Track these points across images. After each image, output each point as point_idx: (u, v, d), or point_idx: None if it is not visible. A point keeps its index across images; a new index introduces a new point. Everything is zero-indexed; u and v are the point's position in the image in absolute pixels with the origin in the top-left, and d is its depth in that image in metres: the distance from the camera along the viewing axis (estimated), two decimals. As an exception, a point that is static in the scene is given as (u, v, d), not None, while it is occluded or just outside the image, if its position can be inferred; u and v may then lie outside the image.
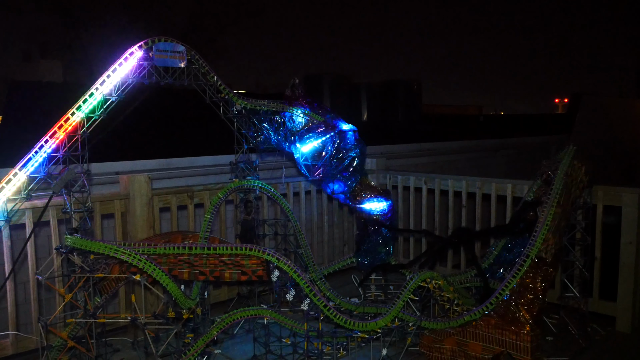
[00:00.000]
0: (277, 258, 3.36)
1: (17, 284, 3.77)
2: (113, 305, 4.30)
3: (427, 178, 5.44)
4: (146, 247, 3.38)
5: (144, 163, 5.71)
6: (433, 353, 3.66)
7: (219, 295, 4.70)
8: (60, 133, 3.30)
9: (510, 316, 3.38)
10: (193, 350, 3.24)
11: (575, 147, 3.99)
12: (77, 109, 3.34)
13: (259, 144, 4.41)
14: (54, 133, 3.30)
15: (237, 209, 4.60)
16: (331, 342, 3.72)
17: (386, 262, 4.63)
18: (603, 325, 4.13)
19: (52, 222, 3.75)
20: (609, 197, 4.21)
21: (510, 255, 4.29)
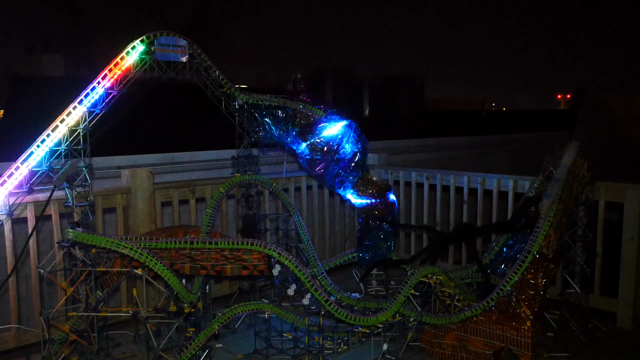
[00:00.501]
0: (279, 253, 3.36)
1: (19, 278, 3.79)
2: (115, 299, 4.32)
3: (428, 174, 5.43)
4: (148, 241, 3.39)
5: (145, 157, 5.71)
6: (434, 348, 3.67)
7: (221, 289, 4.70)
8: (62, 127, 3.30)
9: (511, 312, 3.38)
10: (194, 344, 3.25)
11: (578, 143, 3.98)
12: (78, 103, 3.34)
13: (261, 138, 4.40)
14: (56, 127, 3.30)
15: (239, 203, 4.60)
16: (332, 337, 3.73)
17: (387, 257, 4.63)
18: (604, 321, 4.13)
19: (54, 216, 3.76)
20: (611, 193, 4.20)
21: (511, 251, 4.29)
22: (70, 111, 3.32)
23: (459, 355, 3.54)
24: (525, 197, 4.26)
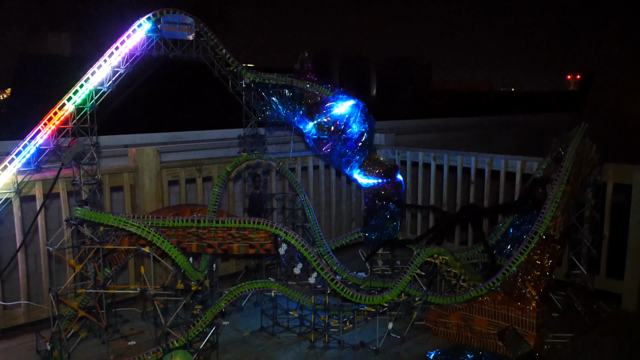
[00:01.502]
0: (285, 232, 3.37)
1: (28, 255, 3.83)
2: (123, 276, 4.36)
3: (436, 154, 5.41)
4: (155, 220, 3.40)
5: (152, 136, 5.71)
6: (439, 327, 3.69)
7: (227, 268, 4.74)
8: (69, 105, 3.30)
9: (516, 292, 3.38)
10: (201, 321, 3.28)
11: (587, 124, 3.95)
12: (85, 82, 3.33)
13: (267, 117, 4.39)
14: (63, 105, 3.30)
15: (245, 183, 4.61)
16: (338, 316, 3.75)
17: (393, 237, 4.64)
18: (609, 303, 4.14)
19: (62, 194, 3.78)
20: (619, 175, 4.18)
21: (517, 232, 4.28)
22: (77, 89, 3.32)
23: (463, 334, 3.56)
24: (533, 178, 4.24)
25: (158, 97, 8.47)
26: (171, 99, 8.82)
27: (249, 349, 3.50)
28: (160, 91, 8.43)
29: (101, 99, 3.43)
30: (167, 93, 8.96)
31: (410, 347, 3.53)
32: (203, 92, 7.86)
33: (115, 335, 3.64)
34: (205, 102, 7.85)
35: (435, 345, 3.52)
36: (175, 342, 3.06)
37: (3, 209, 3.40)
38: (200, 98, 8.38)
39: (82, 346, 3.46)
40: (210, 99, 7.57)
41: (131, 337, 3.61)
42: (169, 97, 8.78)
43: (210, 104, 7.61)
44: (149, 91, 7.53)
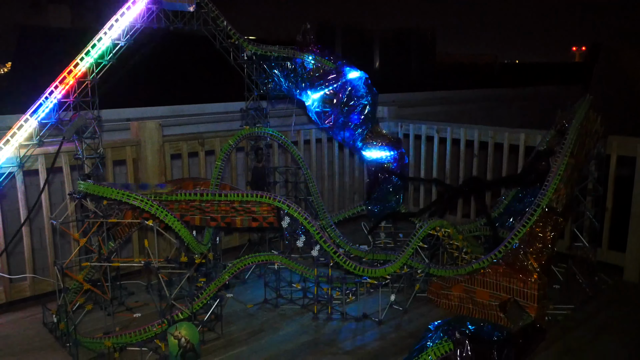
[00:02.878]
0: (288, 205, 3.38)
1: (32, 229, 3.85)
2: (127, 250, 4.39)
3: (439, 127, 5.39)
4: (158, 193, 3.41)
5: (154, 110, 5.68)
6: (441, 299, 3.72)
7: (230, 241, 4.77)
8: (70, 79, 3.28)
9: (518, 264, 3.40)
10: (205, 294, 3.31)
11: (592, 97, 3.91)
12: (85, 54, 3.30)
13: (270, 90, 4.36)
14: (64, 79, 3.28)
15: (248, 156, 4.61)
16: (340, 288, 3.78)
17: (396, 210, 4.65)
18: (611, 275, 4.16)
19: (65, 168, 3.79)
20: (623, 148, 4.15)
21: (520, 205, 4.28)
22: (78, 62, 3.30)
23: (465, 306, 3.59)
24: (537, 151, 4.22)
25: (159, 71, 8.41)
26: (173, 72, 8.76)
27: (253, 320, 3.54)
28: (161, 64, 8.37)
29: (102, 72, 3.41)
30: (168, 66, 8.89)
31: (412, 319, 3.56)
32: (205, 65, 7.80)
33: (121, 307, 3.68)
34: (207, 75, 7.80)
35: (437, 317, 3.55)
36: (180, 314, 3.10)
37: (6, 183, 3.41)
38: (202, 71, 8.32)
39: (88, 318, 3.50)
40: (212, 72, 7.52)
41: (136, 310, 3.65)
42: (171, 71, 8.72)
43: (212, 77, 7.56)
44: (150, 64, 7.48)
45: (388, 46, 15.42)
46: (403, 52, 15.22)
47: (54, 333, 3.31)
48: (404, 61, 14.77)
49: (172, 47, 7.88)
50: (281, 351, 3.15)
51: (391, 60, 14.72)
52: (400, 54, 15.11)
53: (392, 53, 15.05)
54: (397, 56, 15.05)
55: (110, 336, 3.07)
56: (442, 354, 2.50)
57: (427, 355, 2.47)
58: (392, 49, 15.18)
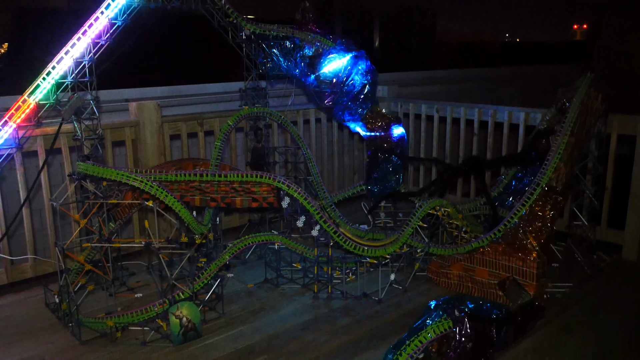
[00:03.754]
0: (288, 185, 3.38)
1: (32, 210, 3.85)
2: (127, 230, 4.40)
3: (438, 106, 5.36)
4: (158, 174, 3.41)
5: (153, 90, 5.65)
6: (440, 278, 3.74)
7: (231, 221, 4.78)
8: (67, 59, 3.25)
9: (517, 243, 3.41)
10: (206, 274, 3.33)
11: (593, 75, 3.89)
12: (82, 34, 3.27)
13: (269, 70, 4.33)
14: (61, 59, 3.25)
15: (247, 136, 4.59)
16: (340, 267, 3.80)
17: (396, 190, 4.65)
18: (610, 253, 4.18)
19: (64, 149, 3.78)
20: (624, 126, 4.14)
21: (520, 184, 4.28)
22: (75, 42, 3.27)
23: (464, 284, 3.61)
24: (537, 129, 4.21)
25: (157, 51, 8.34)
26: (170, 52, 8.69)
27: (254, 300, 3.56)
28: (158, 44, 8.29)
29: (99, 52, 3.38)
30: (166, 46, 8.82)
31: (412, 297, 3.58)
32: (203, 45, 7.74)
33: (122, 288, 3.70)
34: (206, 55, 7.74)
35: (437, 295, 3.57)
36: (181, 294, 3.12)
37: (5, 165, 3.40)
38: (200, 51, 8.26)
39: (89, 299, 3.53)
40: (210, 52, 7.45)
41: (137, 290, 3.68)
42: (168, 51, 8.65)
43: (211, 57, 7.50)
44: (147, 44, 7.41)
45: (388, 24, 15.27)
46: (403, 30, 15.07)
47: (56, 313, 3.34)
48: (404, 40, 14.65)
49: (169, 26, 7.81)
50: (282, 329, 3.17)
51: (391, 38, 14.59)
52: (400, 32, 14.97)
53: (392, 31, 14.91)
54: (397, 35, 14.91)
55: (112, 316, 3.09)
56: (441, 332, 2.52)
57: (427, 333, 2.50)
58: (392, 27, 15.04)
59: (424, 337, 2.49)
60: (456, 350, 2.61)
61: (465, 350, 2.62)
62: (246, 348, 2.98)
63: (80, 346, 3.00)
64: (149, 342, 3.02)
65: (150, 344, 3.01)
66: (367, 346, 2.98)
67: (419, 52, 13.21)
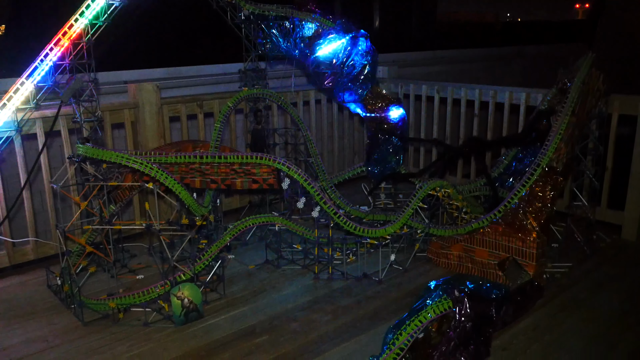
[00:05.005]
0: (288, 167, 3.37)
1: (33, 193, 3.86)
2: (128, 213, 4.41)
3: (439, 87, 5.34)
4: (157, 156, 3.40)
5: (151, 72, 5.61)
6: (440, 259, 3.76)
7: (231, 203, 4.79)
8: (65, 40, 3.23)
9: (517, 224, 3.42)
10: (207, 255, 3.35)
11: (594, 54, 3.86)
12: (80, 15, 3.24)
13: (268, 51, 4.30)
14: (58, 41, 3.23)
15: (247, 118, 4.58)
16: (341, 248, 3.82)
17: (396, 171, 4.65)
18: (609, 233, 4.19)
19: (63, 132, 3.77)
20: (625, 106, 4.13)
21: (520, 164, 4.28)
22: (72, 23, 3.24)
23: (464, 265, 3.63)
24: (537, 110, 4.19)
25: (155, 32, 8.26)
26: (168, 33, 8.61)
27: (255, 281, 3.58)
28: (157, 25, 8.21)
29: (97, 33, 3.35)
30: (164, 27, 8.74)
31: (412, 278, 3.60)
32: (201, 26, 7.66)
33: (123, 269, 3.72)
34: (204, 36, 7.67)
35: (437, 276, 3.59)
36: (182, 276, 3.13)
37: (5, 148, 3.39)
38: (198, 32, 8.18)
39: (91, 280, 3.55)
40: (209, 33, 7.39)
41: (139, 271, 3.70)
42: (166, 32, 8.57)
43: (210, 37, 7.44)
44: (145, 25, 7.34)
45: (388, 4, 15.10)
46: (403, 10, 14.91)
47: (59, 295, 3.36)
48: (404, 20, 14.49)
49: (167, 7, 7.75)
50: (283, 310, 3.19)
51: (391, 18, 14.43)
52: (401, 12, 14.81)
53: (392, 11, 14.75)
54: (397, 14, 14.75)
55: (115, 297, 3.11)
56: (441, 311, 2.54)
57: (427, 313, 2.51)
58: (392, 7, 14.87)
59: (424, 317, 2.50)
60: (456, 330, 2.63)
61: (464, 330, 2.64)
62: (247, 328, 3.00)
63: (82, 327, 3.03)
64: (151, 323, 3.05)
65: (153, 324, 3.04)
66: (367, 326, 3.00)
67: (419, 33, 13.07)
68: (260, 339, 2.89)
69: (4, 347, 2.85)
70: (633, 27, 15.88)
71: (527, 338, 2.88)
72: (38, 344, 2.87)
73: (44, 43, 3.24)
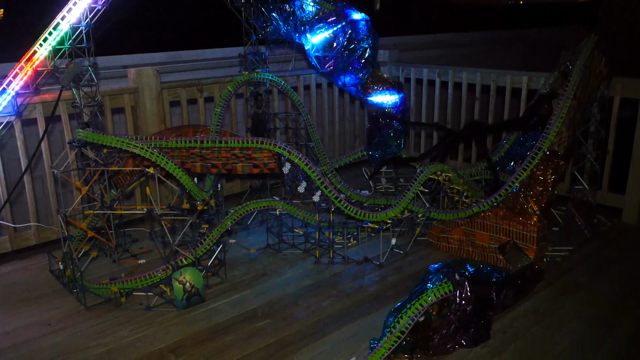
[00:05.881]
0: (289, 151, 3.37)
1: (34, 178, 3.86)
2: (129, 198, 4.42)
3: (440, 70, 5.31)
4: (158, 141, 3.40)
5: (151, 56, 5.58)
6: (441, 242, 3.77)
7: (232, 188, 4.79)
8: (64, 24, 3.20)
9: (518, 207, 3.42)
10: (208, 239, 3.35)
11: (596, 36, 3.83)
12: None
13: (268, 35, 4.27)
14: (57, 25, 3.20)
15: (247, 102, 4.56)
16: (342, 233, 3.83)
17: (397, 155, 4.64)
18: (610, 217, 4.19)
19: (63, 116, 3.76)
20: (627, 89, 4.11)
21: (521, 148, 4.27)
22: (71, 7, 3.21)
23: (465, 249, 3.64)
24: (539, 93, 4.17)
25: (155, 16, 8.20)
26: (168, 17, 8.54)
27: (256, 265, 3.60)
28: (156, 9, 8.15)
29: (96, 17, 3.33)
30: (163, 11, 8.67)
31: (412, 262, 3.62)
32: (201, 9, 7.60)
33: (125, 254, 3.74)
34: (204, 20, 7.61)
35: (437, 260, 3.61)
36: (184, 260, 3.15)
37: (5, 133, 3.39)
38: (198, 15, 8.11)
39: (93, 265, 3.56)
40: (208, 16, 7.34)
41: (141, 256, 3.71)
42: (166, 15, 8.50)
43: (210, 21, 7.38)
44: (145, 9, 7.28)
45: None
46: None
47: (61, 279, 3.38)
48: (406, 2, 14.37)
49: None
50: (284, 294, 3.21)
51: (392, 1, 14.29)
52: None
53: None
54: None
55: (117, 282, 3.13)
56: (442, 295, 2.55)
57: (427, 297, 2.52)
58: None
59: (424, 301, 2.52)
60: (456, 313, 2.65)
61: (465, 313, 2.66)
62: (249, 312, 3.02)
63: (85, 311, 3.05)
64: (153, 307, 3.06)
65: (155, 308, 3.06)
66: (368, 310, 3.02)
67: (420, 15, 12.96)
68: (261, 323, 2.91)
69: (6, 332, 2.87)
70: (636, 9, 15.75)
71: (527, 321, 2.89)
72: (41, 328, 2.89)
73: (42, 27, 3.21)
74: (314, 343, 2.71)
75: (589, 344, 2.71)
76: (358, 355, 2.58)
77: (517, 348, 2.66)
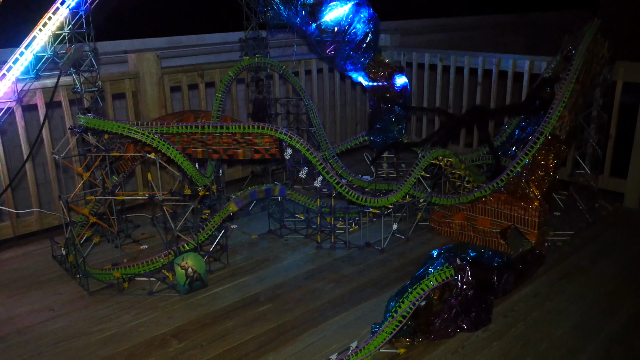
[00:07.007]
0: (290, 136, 3.36)
1: (35, 164, 3.86)
2: (131, 183, 4.42)
3: (442, 55, 5.28)
4: (159, 127, 3.39)
5: (151, 41, 5.55)
6: (442, 227, 3.77)
7: (234, 173, 4.79)
8: (63, 9, 3.18)
9: (520, 192, 3.42)
10: (210, 225, 3.36)
11: (600, 20, 3.80)
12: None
13: (269, 19, 4.24)
14: (57, 9, 3.18)
15: (248, 87, 4.54)
16: (343, 218, 3.83)
17: (398, 140, 4.63)
18: (612, 201, 4.19)
19: (64, 102, 3.75)
20: (630, 74, 4.07)
21: (523, 133, 4.26)
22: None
23: (466, 233, 3.64)
24: (542, 78, 4.15)
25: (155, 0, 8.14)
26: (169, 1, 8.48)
27: (258, 250, 3.61)
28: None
29: (95, 2, 3.30)
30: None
31: (414, 246, 3.62)
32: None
33: (127, 240, 3.75)
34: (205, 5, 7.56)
35: (439, 244, 3.61)
36: (186, 245, 3.15)
37: (6, 119, 3.38)
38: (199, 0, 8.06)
39: (96, 250, 3.58)
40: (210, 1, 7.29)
41: (143, 241, 3.72)
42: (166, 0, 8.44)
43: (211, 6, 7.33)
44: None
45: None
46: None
47: (63, 265, 3.39)
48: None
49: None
50: (285, 279, 3.22)
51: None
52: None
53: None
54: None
55: (119, 267, 3.14)
56: (443, 279, 2.56)
57: (429, 281, 2.53)
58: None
59: (426, 285, 2.52)
60: (457, 297, 2.66)
61: (466, 297, 2.67)
62: (251, 297, 3.03)
63: (88, 296, 3.07)
64: (156, 292, 3.08)
65: (157, 294, 3.07)
66: (370, 294, 3.03)
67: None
68: (264, 307, 2.92)
69: (10, 317, 2.89)
70: (639, -8, 15.56)
71: (528, 305, 2.91)
72: (44, 313, 2.91)
73: (43, 12, 3.19)
74: (316, 328, 2.73)
75: (590, 328, 2.72)
76: (359, 339, 2.60)
77: (518, 332, 2.68)
